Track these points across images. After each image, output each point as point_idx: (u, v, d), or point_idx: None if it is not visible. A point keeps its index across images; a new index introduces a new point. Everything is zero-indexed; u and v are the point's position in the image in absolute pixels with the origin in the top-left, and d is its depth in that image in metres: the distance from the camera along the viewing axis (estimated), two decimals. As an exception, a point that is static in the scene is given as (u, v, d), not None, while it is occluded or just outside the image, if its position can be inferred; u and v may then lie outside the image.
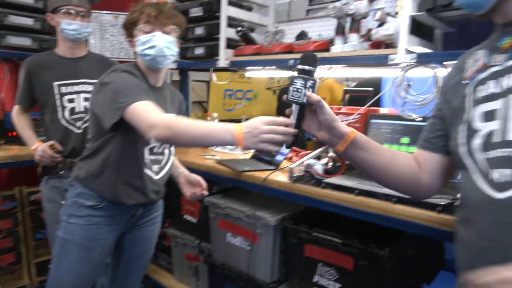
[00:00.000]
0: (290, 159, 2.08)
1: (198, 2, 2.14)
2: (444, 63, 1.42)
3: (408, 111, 1.56)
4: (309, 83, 0.86)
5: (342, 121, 1.82)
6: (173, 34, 1.37)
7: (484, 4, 0.71)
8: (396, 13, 1.79)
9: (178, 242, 2.18)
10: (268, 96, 3.94)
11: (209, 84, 3.52)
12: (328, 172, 1.60)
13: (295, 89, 0.87)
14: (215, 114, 2.53)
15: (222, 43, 2.07)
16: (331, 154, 1.75)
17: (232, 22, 2.13)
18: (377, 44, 1.61)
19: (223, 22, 2.04)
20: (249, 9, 2.24)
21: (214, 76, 2.33)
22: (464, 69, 0.83)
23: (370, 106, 1.81)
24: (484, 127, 0.71)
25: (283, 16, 2.21)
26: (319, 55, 1.72)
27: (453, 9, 1.32)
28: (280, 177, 1.66)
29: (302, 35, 2.08)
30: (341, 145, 0.89)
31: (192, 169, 1.97)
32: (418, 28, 1.52)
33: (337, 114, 1.83)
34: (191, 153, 2.28)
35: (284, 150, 1.91)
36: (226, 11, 2.04)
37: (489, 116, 0.71)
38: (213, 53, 2.14)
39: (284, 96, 0.89)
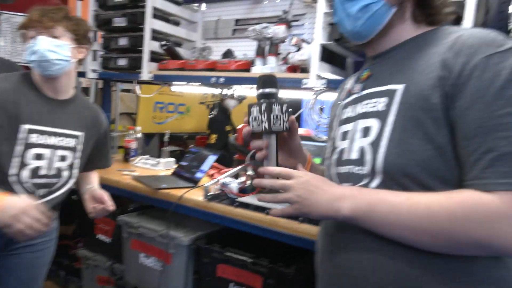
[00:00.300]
0: (211, 176, 2.06)
1: (121, 13, 2.07)
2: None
3: (321, 133, 1.64)
4: (285, 107, 0.77)
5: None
6: (64, 38, 1.25)
7: (366, 36, 0.75)
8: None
9: (89, 263, 2.03)
10: (201, 111, 3.92)
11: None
12: (243, 190, 1.60)
13: (275, 117, 0.76)
14: (138, 128, 2.43)
15: (146, 56, 2.01)
16: (249, 172, 1.77)
17: (158, 36, 2.09)
18: (294, 68, 1.68)
19: (147, 34, 2.00)
20: (176, 23, 2.22)
21: (138, 89, 2.25)
22: (341, 91, 0.91)
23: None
24: (340, 145, 0.79)
25: (211, 34, 2.22)
26: (241, 74, 1.77)
27: (357, 41, 1.43)
28: (196, 196, 1.63)
29: (228, 54, 2.10)
30: (306, 168, 0.86)
31: (108, 186, 1.86)
32: (330, 56, 1.62)
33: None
34: (109, 168, 2.16)
35: (203, 167, 1.90)
36: (151, 23, 2.00)
37: (344, 136, 0.78)
38: (136, 65, 2.07)
39: (247, 130, 0.80)
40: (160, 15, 2.09)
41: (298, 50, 1.66)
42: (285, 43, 1.73)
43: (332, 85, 1.50)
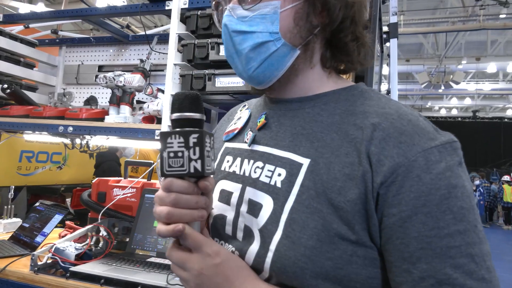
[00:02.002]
0: (63, 237, 1.78)
1: (-46, 50, 1.79)
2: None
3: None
4: (212, 140, 0.53)
5: (117, 195, 1.71)
6: None
7: (264, 84, 0.58)
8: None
9: None
10: (83, 160, 3.56)
11: None
12: (85, 256, 1.39)
13: (207, 154, 0.50)
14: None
15: (-18, 100, 1.74)
16: (102, 232, 1.56)
17: (3, 78, 1.84)
18: (150, 118, 1.59)
19: (-15, 76, 1.74)
20: (30, 66, 2.00)
21: (-24, 137, 1.92)
22: (230, 120, 0.71)
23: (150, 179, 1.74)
24: (218, 209, 0.60)
25: (72, 79, 2.05)
26: (93, 124, 1.61)
27: (207, 93, 1.41)
28: (25, 267, 1.36)
29: (90, 100, 1.94)
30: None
31: None
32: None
33: (114, 187, 1.69)
34: None
35: (46, 229, 1.63)
36: (-9, 64, 1.75)
37: (225, 198, 0.60)
38: (-28, 110, 1.77)
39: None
40: (6, 55, 1.86)
41: (155, 99, 1.59)
42: (141, 93, 1.65)
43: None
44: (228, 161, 0.63)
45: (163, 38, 1.80)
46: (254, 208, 0.55)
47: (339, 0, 0.55)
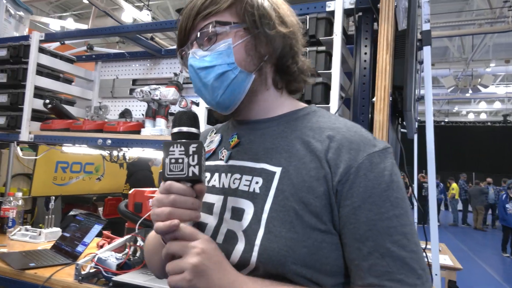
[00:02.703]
0: (101, 247, 1.84)
1: (1, 68, 1.89)
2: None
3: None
4: (205, 151, 0.65)
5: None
6: None
7: (229, 107, 0.69)
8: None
9: None
10: (115, 170, 3.66)
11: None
12: (125, 266, 1.43)
13: (203, 162, 0.60)
14: (19, 194, 2.14)
15: (26, 115, 1.83)
16: (140, 243, 1.60)
17: (45, 93, 1.94)
18: (185, 130, 1.63)
19: (28, 92, 1.83)
20: (69, 81, 2.09)
21: (19, 150, 2.02)
22: (206, 142, 0.81)
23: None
24: (202, 218, 0.68)
25: (108, 92, 2.12)
26: (130, 136, 1.66)
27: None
28: (69, 276, 1.41)
29: (125, 113, 2.01)
30: None
31: (-42, 268, 1.55)
32: (217, 119, 1.61)
33: (150, 197, 1.73)
34: (-27, 244, 1.83)
35: (86, 239, 1.69)
36: (34, 80, 1.84)
37: (206, 207, 0.69)
38: (16, 124, 1.86)
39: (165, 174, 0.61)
40: (48, 72, 1.95)
41: (190, 112, 1.63)
42: (175, 105, 1.70)
43: (218, 149, 1.47)
44: (206, 177, 0.72)
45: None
46: (238, 213, 0.64)
47: (278, 33, 0.67)
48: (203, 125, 1.47)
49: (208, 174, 0.73)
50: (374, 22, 1.36)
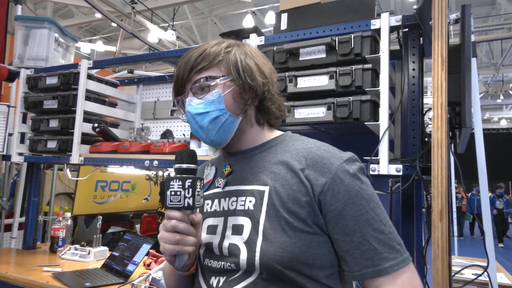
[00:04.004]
0: (148, 266, 1.88)
1: (52, 95, 2.00)
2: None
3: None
4: (202, 183, 0.77)
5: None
6: None
7: (221, 143, 0.83)
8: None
9: None
10: (148, 187, 3.74)
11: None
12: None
13: (197, 193, 0.73)
14: (68, 214, 2.22)
15: (76, 139, 1.91)
16: (187, 261, 1.62)
17: (92, 117, 2.03)
18: (229, 150, 1.66)
19: (78, 116, 1.92)
20: (113, 104, 2.18)
21: (69, 172, 2.10)
22: (203, 175, 0.93)
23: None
24: (206, 239, 0.81)
25: (149, 114, 2.20)
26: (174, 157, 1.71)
27: (287, 125, 1.45)
28: (123, 295, 1.44)
29: (167, 134, 2.07)
30: (195, 266, 0.84)
31: (17, 287, 1.62)
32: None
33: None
34: (28, 263, 1.90)
35: (136, 258, 1.73)
36: (83, 105, 1.94)
37: (211, 229, 0.81)
38: (67, 147, 1.95)
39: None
40: (94, 97, 2.04)
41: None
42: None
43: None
44: (208, 204, 0.85)
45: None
46: (238, 229, 0.77)
47: (258, 82, 0.81)
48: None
49: (209, 201, 0.85)
50: (420, 37, 1.36)
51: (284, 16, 1.57)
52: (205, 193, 0.87)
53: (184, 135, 2.07)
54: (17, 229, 2.64)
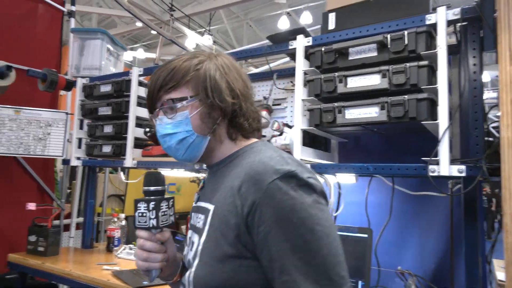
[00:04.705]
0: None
1: (107, 102, 2.11)
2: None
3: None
4: (171, 202, 0.81)
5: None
6: None
7: (191, 161, 0.85)
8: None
9: None
10: (193, 189, 3.84)
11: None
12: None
13: (162, 213, 0.78)
14: (122, 215, 2.33)
15: (129, 143, 2.01)
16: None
17: (143, 122, 2.11)
18: (277, 152, 1.66)
19: (131, 122, 2.01)
20: (162, 109, 2.26)
21: (123, 175, 2.21)
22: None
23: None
24: (187, 252, 0.83)
25: (196, 118, 2.25)
26: (224, 159, 1.74)
27: (337, 126, 1.43)
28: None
29: (213, 137, 2.11)
30: (179, 275, 0.86)
31: (81, 283, 1.72)
32: (313, 139, 1.62)
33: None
34: (88, 261, 2.02)
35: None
36: (135, 111, 2.02)
37: (190, 244, 0.82)
38: (120, 151, 2.05)
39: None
40: (145, 102, 2.13)
41: (280, 134, 1.66)
42: (267, 128, 1.74)
43: (316, 170, 1.47)
44: (191, 217, 0.87)
45: (267, 75, 1.90)
46: (192, 245, 0.79)
47: (227, 102, 0.79)
48: (299, 147, 1.49)
49: (193, 215, 0.86)
50: (480, 30, 1.29)
51: (332, 16, 1.55)
52: (195, 203, 0.89)
53: (230, 137, 2.11)
54: (75, 229, 2.81)
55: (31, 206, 2.15)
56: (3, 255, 2.17)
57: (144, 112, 2.09)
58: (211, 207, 0.77)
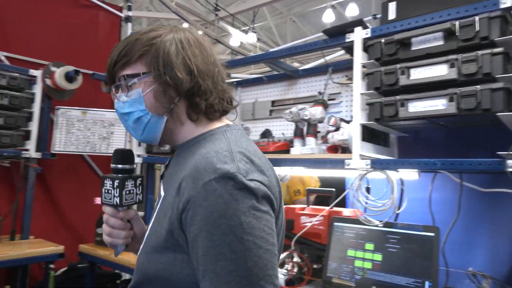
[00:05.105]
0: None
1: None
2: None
3: (369, 216, 1.52)
4: (139, 181, 0.82)
5: (305, 223, 1.79)
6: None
7: (153, 142, 0.81)
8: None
9: None
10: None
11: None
12: (291, 282, 1.48)
13: (127, 192, 0.80)
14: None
15: (187, 141, 2.08)
16: (296, 259, 1.65)
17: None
18: (334, 148, 1.64)
19: (188, 121, 2.08)
20: (216, 108, 2.31)
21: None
22: None
23: (335, 206, 1.77)
24: None
25: (249, 115, 2.28)
26: (280, 156, 1.75)
27: (400, 119, 1.37)
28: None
29: (266, 133, 2.13)
30: None
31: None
32: (372, 134, 1.57)
33: (301, 215, 1.78)
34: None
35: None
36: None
37: None
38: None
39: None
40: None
41: (337, 129, 1.63)
42: (323, 123, 1.72)
43: (377, 165, 1.43)
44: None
45: (319, 70, 1.86)
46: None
47: (180, 79, 0.73)
48: (358, 143, 1.46)
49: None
50: None
51: (392, 5, 1.49)
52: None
53: (283, 134, 2.11)
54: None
55: (98, 200, 2.31)
56: (75, 246, 2.35)
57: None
58: (162, 193, 0.76)
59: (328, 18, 7.87)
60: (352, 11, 7.52)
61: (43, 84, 2.40)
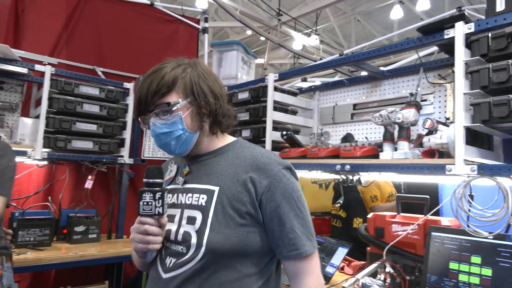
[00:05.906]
0: (342, 269, 1.90)
1: (245, 108, 2.25)
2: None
3: (474, 226, 1.39)
4: (166, 193, 0.94)
5: (397, 231, 1.69)
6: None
7: (183, 154, 1.03)
8: (447, 119, 1.75)
9: None
10: (314, 190, 3.84)
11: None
12: (384, 293, 1.41)
13: (166, 203, 0.94)
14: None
15: (268, 146, 2.10)
16: (388, 269, 1.58)
17: (277, 126, 2.19)
18: (430, 152, 1.53)
19: (268, 126, 2.10)
20: (294, 112, 2.31)
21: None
22: (167, 171, 1.12)
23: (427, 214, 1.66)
24: (167, 226, 0.98)
25: (328, 119, 2.24)
26: (368, 161, 1.68)
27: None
28: (330, 296, 1.49)
29: (348, 137, 2.07)
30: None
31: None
32: (475, 137, 1.44)
33: (392, 223, 1.70)
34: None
35: (334, 260, 1.77)
36: (272, 116, 2.11)
37: (170, 218, 0.99)
38: (258, 155, 2.16)
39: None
40: (279, 107, 2.21)
41: (431, 132, 1.52)
42: (415, 126, 1.62)
43: (485, 171, 1.30)
44: (169, 197, 1.03)
45: (409, 70, 1.74)
46: (191, 220, 0.96)
47: (211, 102, 0.99)
48: (461, 147, 1.34)
49: (170, 195, 1.03)
50: None
51: (501, -4, 1.36)
52: (168, 186, 1.06)
53: (366, 138, 2.03)
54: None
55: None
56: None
57: (279, 116, 2.17)
58: (214, 188, 0.96)
59: (397, 14, 7.49)
60: (423, 6, 7.07)
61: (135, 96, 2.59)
